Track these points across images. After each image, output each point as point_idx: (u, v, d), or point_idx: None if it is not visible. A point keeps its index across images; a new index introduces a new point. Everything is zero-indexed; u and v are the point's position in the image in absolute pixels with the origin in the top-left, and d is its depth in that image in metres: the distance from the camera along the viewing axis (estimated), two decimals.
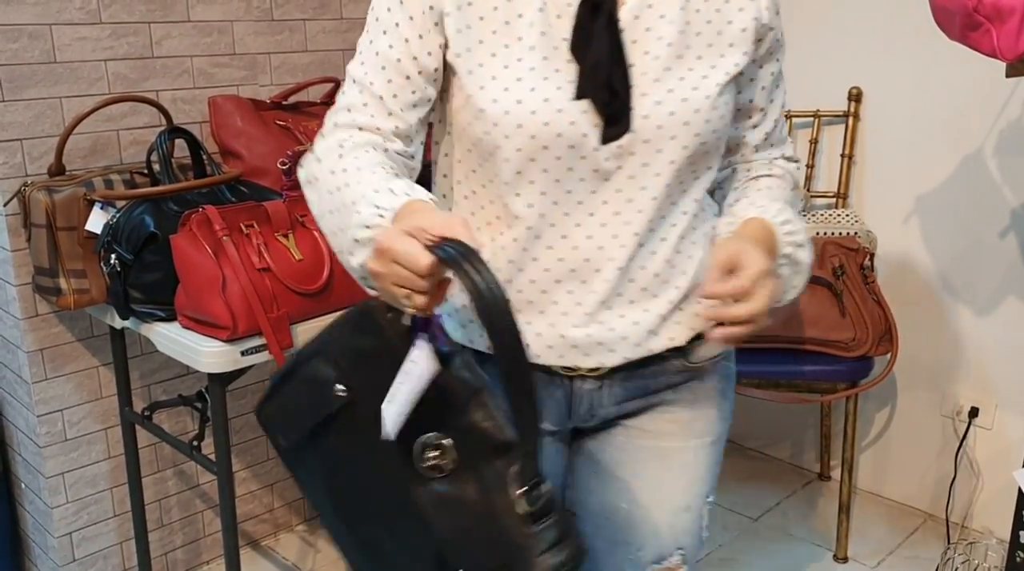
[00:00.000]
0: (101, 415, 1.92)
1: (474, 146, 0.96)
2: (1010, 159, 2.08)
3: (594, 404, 1.05)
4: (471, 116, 0.94)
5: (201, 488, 2.14)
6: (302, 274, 1.54)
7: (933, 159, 2.19)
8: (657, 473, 1.08)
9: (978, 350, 2.20)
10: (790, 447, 2.62)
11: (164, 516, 2.09)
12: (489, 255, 0.97)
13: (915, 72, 2.17)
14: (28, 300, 1.78)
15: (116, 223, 1.56)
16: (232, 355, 1.48)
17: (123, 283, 1.56)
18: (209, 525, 2.17)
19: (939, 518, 2.32)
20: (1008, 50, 1.44)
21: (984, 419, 2.22)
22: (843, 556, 2.18)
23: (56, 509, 1.90)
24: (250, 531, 2.26)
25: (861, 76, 2.27)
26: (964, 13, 1.45)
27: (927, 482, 2.36)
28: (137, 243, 1.53)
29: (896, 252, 2.27)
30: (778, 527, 2.33)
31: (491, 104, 0.91)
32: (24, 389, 1.85)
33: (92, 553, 1.98)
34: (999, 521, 2.21)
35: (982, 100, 2.08)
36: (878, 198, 2.30)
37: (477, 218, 1.00)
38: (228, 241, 1.48)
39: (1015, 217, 2.09)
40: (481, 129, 0.93)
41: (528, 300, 0.99)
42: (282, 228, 1.56)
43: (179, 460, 2.07)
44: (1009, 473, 2.16)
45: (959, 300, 2.21)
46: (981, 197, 2.13)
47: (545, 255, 0.96)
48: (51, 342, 1.82)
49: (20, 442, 1.95)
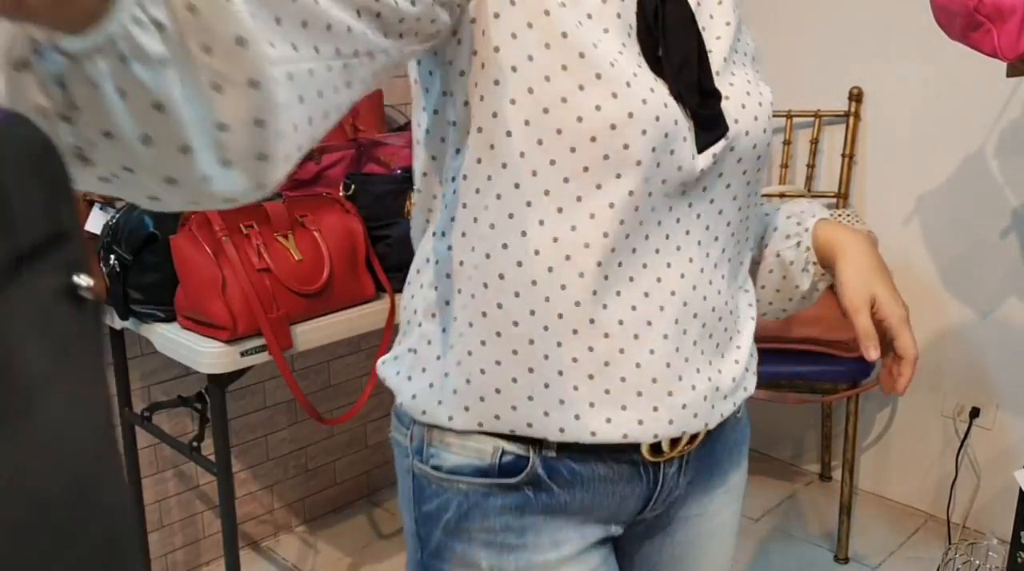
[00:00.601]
0: None
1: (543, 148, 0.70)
2: (1011, 159, 2.07)
3: (672, 491, 0.84)
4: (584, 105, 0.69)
5: (201, 489, 2.14)
6: (302, 274, 1.54)
7: (934, 159, 2.18)
8: (713, 557, 0.92)
9: (979, 350, 2.20)
10: (791, 447, 2.62)
11: (164, 517, 2.08)
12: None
13: (916, 72, 2.17)
14: None
15: (116, 224, 1.55)
16: (232, 356, 1.48)
17: (123, 284, 1.56)
18: (209, 526, 2.17)
19: (940, 518, 2.31)
20: (1009, 50, 1.44)
21: (985, 419, 2.21)
22: (844, 556, 2.18)
23: None
24: (250, 532, 2.25)
25: (862, 76, 2.26)
26: (965, 13, 1.44)
27: (928, 482, 2.36)
28: (137, 244, 1.53)
29: (896, 252, 2.27)
30: (778, 527, 2.32)
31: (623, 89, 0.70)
32: None
33: None
34: (1000, 521, 2.21)
35: (983, 100, 2.08)
36: (878, 198, 2.30)
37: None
38: (228, 242, 1.47)
39: (1016, 217, 2.09)
40: (603, 121, 0.69)
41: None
42: (282, 228, 1.56)
43: (179, 461, 2.07)
44: (1010, 473, 2.16)
45: (959, 300, 2.21)
46: (982, 197, 2.12)
47: (629, 290, 0.74)
48: None
49: None
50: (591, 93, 0.69)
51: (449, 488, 0.78)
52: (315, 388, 2.27)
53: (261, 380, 2.15)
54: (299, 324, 1.54)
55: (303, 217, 1.59)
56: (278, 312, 1.49)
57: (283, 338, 1.50)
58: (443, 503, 0.78)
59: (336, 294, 1.58)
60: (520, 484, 0.76)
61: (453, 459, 0.77)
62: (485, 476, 0.76)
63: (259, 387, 2.16)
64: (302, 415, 2.26)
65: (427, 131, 0.77)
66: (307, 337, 1.55)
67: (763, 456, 2.65)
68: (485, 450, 0.76)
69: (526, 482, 0.76)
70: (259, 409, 2.19)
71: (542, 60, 0.69)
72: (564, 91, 0.69)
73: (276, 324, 1.49)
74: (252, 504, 2.24)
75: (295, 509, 2.34)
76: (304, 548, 2.27)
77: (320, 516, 2.39)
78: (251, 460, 2.21)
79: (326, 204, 1.64)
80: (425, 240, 0.80)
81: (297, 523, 2.35)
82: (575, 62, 0.69)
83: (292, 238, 1.56)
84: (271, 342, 1.48)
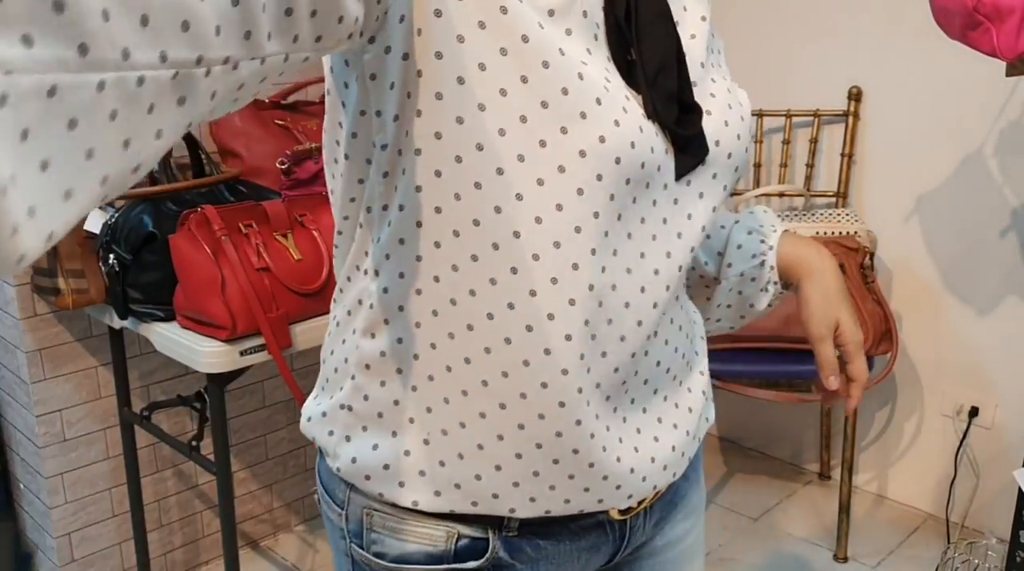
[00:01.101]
0: (100, 415, 1.92)
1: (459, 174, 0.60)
2: (1010, 158, 2.07)
3: (638, 538, 0.79)
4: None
5: (200, 488, 2.14)
6: (301, 274, 1.54)
7: (933, 158, 2.18)
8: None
9: (978, 350, 2.20)
10: (790, 447, 2.62)
11: (163, 516, 2.08)
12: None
13: (915, 71, 2.17)
14: (27, 300, 1.77)
15: (115, 223, 1.55)
16: (231, 355, 1.48)
17: (122, 283, 1.56)
18: (208, 525, 2.17)
19: (939, 518, 2.31)
20: (1008, 49, 1.44)
21: (984, 419, 2.21)
22: (843, 556, 2.18)
23: (55, 509, 1.90)
24: (249, 531, 2.25)
25: (861, 75, 2.26)
26: (964, 12, 1.44)
27: (927, 482, 2.36)
28: (136, 243, 1.53)
29: (896, 252, 2.27)
30: (778, 527, 2.32)
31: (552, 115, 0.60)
32: (23, 389, 1.84)
33: (91, 553, 1.98)
34: (999, 521, 2.21)
35: (982, 99, 2.08)
36: (878, 198, 2.30)
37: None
38: (227, 241, 1.47)
39: (1015, 217, 2.09)
40: None
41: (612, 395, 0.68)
42: (281, 228, 1.56)
43: (178, 460, 2.07)
44: (1009, 473, 2.16)
45: (959, 300, 2.21)
46: (981, 197, 2.13)
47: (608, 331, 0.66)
48: (50, 342, 1.82)
49: (19, 442, 1.94)
50: (558, 111, 0.58)
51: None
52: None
53: (260, 379, 2.15)
54: (298, 323, 1.54)
55: (302, 216, 1.59)
56: (277, 311, 1.49)
57: (282, 337, 1.50)
58: None
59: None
60: (479, 569, 0.69)
61: (400, 546, 0.69)
62: (439, 563, 0.69)
63: (258, 386, 2.16)
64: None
65: (346, 156, 0.65)
66: (306, 336, 1.55)
67: (762, 455, 2.65)
68: (438, 535, 0.68)
69: (487, 567, 0.69)
70: (258, 408, 2.19)
71: (496, 70, 0.57)
72: (523, 110, 0.58)
73: (275, 323, 1.49)
74: (251, 503, 2.24)
75: (294, 508, 2.34)
76: (303, 547, 2.27)
77: (319, 515, 2.39)
78: (250, 459, 2.21)
79: (325, 203, 1.64)
80: (355, 278, 0.69)
81: (296, 522, 2.35)
82: (537, 72, 0.58)
83: (291, 237, 1.56)
84: (270, 341, 1.48)
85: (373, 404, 0.68)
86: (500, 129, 0.58)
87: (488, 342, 0.63)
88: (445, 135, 0.58)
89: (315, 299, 1.55)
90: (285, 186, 1.71)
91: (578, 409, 0.64)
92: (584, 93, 0.58)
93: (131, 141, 0.36)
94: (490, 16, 0.56)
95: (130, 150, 0.36)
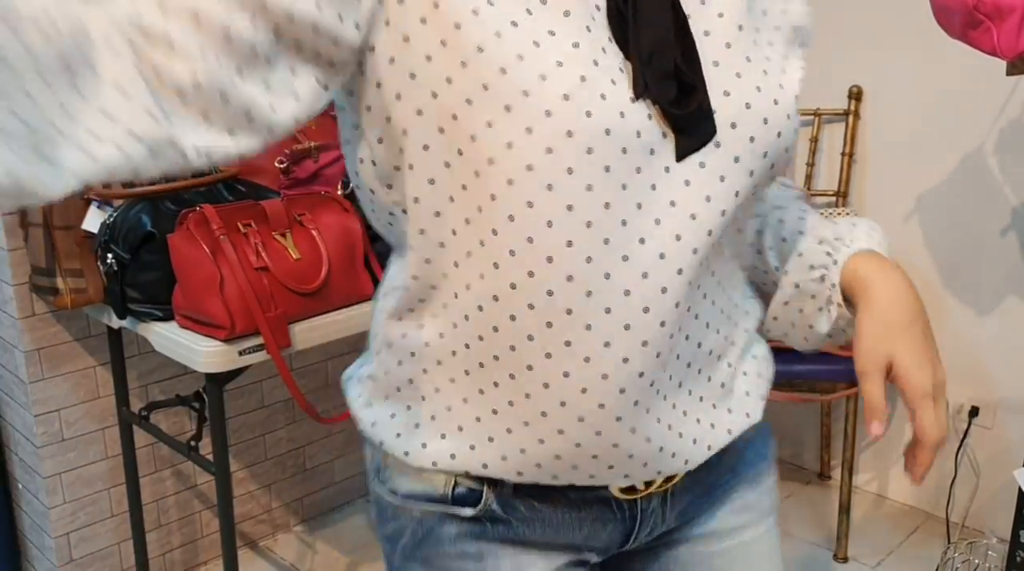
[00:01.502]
0: (98, 415, 1.92)
1: (470, 165, 0.62)
2: (1010, 158, 2.07)
3: (657, 525, 0.78)
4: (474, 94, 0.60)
5: (199, 488, 2.13)
6: (300, 273, 1.54)
7: (933, 158, 2.18)
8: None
9: (978, 350, 2.20)
10: (790, 447, 2.61)
11: (162, 516, 2.08)
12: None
13: (916, 70, 2.17)
14: (25, 300, 1.77)
15: (113, 222, 1.55)
16: (230, 355, 1.48)
17: (120, 282, 1.55)
18: (207, 525, 2.16)
19: (939, 518, 2.31)
20: (1008, 48, 1.44)
21: (984, 419, 2.21)
22: (843, 556, 2.18)
23: (53, 509, 1.90)
24: (248, 531, 2.25)
25: (861, 74, 2.26)
26: (965, 11, 1.44)
27: (927, 482, 2.36)
28: (134, 242, 1.53)
29: (896, 252, 2.26)
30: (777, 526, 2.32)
31: (520, 98, 0.59)
32: (21, 389, 1.84)
33: (89, 553, 1.97)
34: (999, 520, 2.21)
35: (983, 99, 2.07)
36: (878, 197, 2.29)
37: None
38: (226, 240, 1.47)
39: (1015, 216, 2.09)
40: (501, 130, 0.60)
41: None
42: (280, 227, 1.55)
43: (177, 460, 2.07)
44: (1009, 473, 2.15)
45: (959, 300, 2.21)
46: (981, 196, 2.12)
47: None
48: (48, 342, 1.82)
49: (17, 442, 1.94)
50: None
51: (404, 514, 0.75)
52: (313, 387, 2.26)
53: (259, 379, 2.15)
54: (297, 323, 1.54)
55: (301, 216, 1.58)
56: (276, 311, 1.49)
57: (281, 337, 1.49)
58: (399, 528, 0.76)
59: (334, 293, 1.58)
60: (475, 517, 0.73)
61: (407, 485, 0.74)
62: (439, 503, 0.73)
63: (257, 386, 2.16)
64: (300, 414, 2.26)
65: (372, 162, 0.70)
66: (305, 336, 1.54)
67: None
68: (437, 480, 0.72)
69: (481, 515, 0.72)
70: (257, 408, 2.18)
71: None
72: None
73: (274, 323, 1.48)
74: (250, 503, 2.24)
75: (293, 508, 2.34)
76: (302, 547, 2.27)
77: (318, 515, 2.39)
78: (249, 459, 2.21)
79: (324, 202, 1.64)
80: (393, 260, 0.74)
81: (295, 522, 2.35)
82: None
83: (290, 237, 1.56)
84: (269, 341, 1.48)
85: (391, 378, 0.73)
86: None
87: (508, 339, 0.66)
88: (425, 112, 0.62)
89: (314, 299, 1.55)
90: (284, 185, 1.70)
91: (583, 399, 0.67)
92: (581, 53, 0.60)
93: None
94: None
95: None
